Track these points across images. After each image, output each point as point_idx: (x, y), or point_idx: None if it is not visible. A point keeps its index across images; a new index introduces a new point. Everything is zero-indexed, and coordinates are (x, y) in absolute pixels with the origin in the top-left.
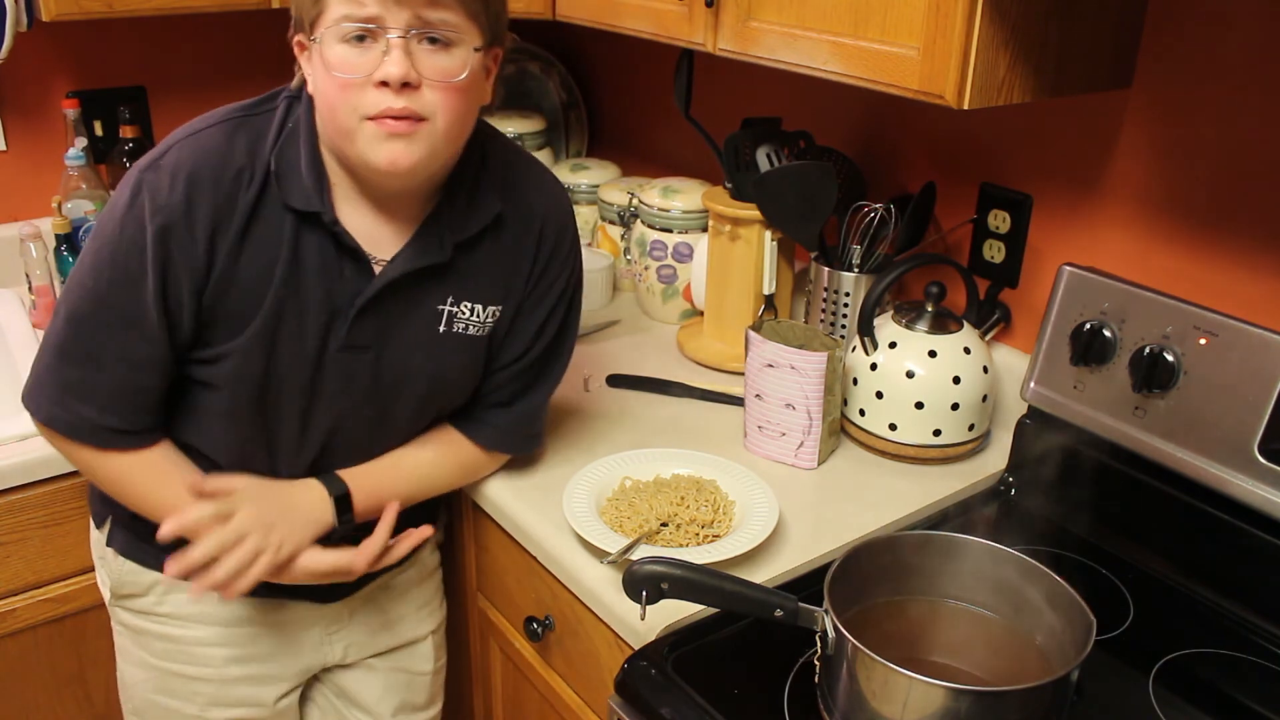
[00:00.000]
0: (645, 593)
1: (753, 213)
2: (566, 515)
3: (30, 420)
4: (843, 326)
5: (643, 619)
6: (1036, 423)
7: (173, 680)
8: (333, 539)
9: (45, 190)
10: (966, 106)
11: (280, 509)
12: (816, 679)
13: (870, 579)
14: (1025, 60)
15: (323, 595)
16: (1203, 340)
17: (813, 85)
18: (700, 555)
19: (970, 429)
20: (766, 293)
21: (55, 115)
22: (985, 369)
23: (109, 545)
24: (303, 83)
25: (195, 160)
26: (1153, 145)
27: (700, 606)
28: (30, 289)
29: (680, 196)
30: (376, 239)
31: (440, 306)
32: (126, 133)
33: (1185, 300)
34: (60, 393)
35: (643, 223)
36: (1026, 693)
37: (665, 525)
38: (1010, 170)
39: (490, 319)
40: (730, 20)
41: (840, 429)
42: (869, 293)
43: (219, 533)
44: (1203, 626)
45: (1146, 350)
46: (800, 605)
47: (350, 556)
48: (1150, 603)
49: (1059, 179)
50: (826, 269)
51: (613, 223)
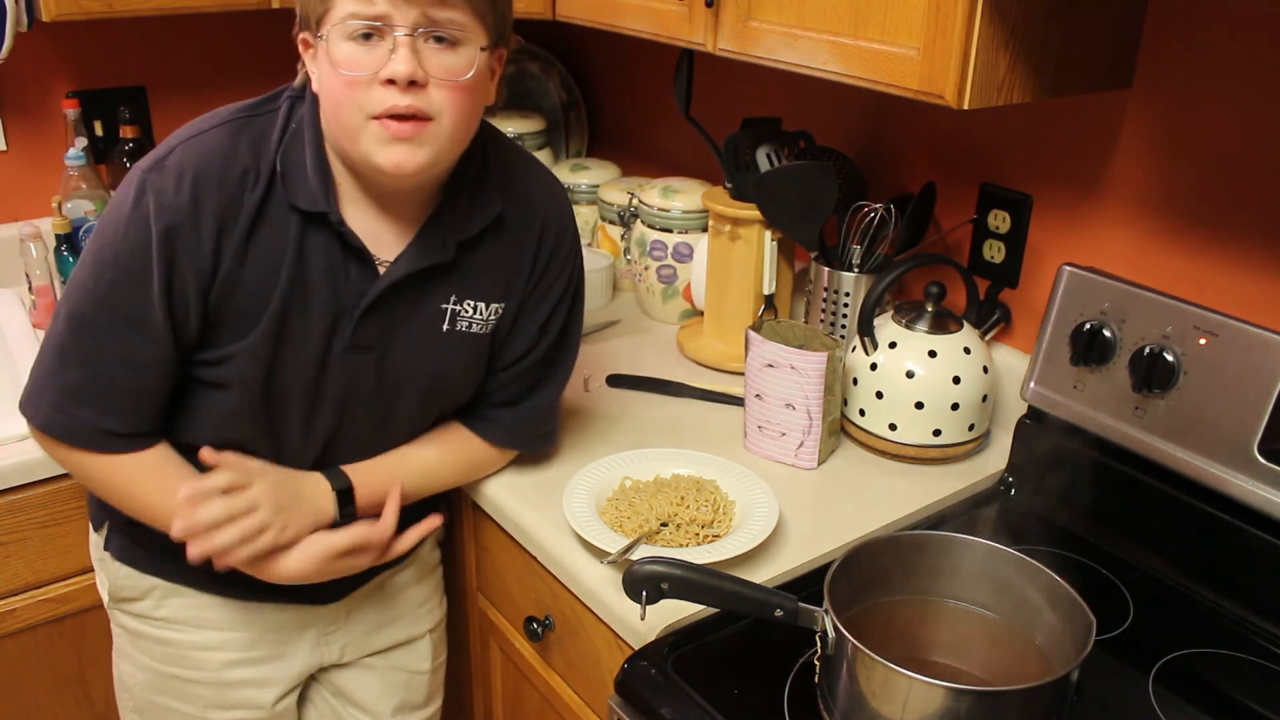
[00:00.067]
0: (645, 593)
1: (753, 213)
2: (566, 515)
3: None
4: (843, 326)
5: (643, 619)
6: (1036, 423)
7: (172, 683)
8: None
9: (45, 190)
10: (966, 106)
11: (290, 493)
12: (816, 679)
13: (870, 579)
14: (1025, 60)
15: (319, 597)
16: (1203, 340)
17: (813, 85)
18: (700, 555)
19: (970, 429)
20: (766, 293)
21: (55, 115)
22: (985, 369)
23: (106, 549)
24: (306, 82)
25: (200, 161)
26: (1153, 145)
27: (700, 606)
28: (30, 289)
29: (680, 196)
30: (380, 239)
31: (444, 305)
32: (127, 133)
33: (1185, 300)
34: (60, 396)
35: (643, 223)
36: (1026, 693)
37: (665, 525)
38: (1010, 170)
39: (493, 317)
40: (730, 20)
41: (840, 429)
42: (869, 293)
43: (232, 500)
44: (1203, 626)
45: (1146, 350)
46: (800, 605)
47: (365, 530)
48: (1150, 603)
49: (1059, 179)
50: (826, 269)
51: (613, 223)
